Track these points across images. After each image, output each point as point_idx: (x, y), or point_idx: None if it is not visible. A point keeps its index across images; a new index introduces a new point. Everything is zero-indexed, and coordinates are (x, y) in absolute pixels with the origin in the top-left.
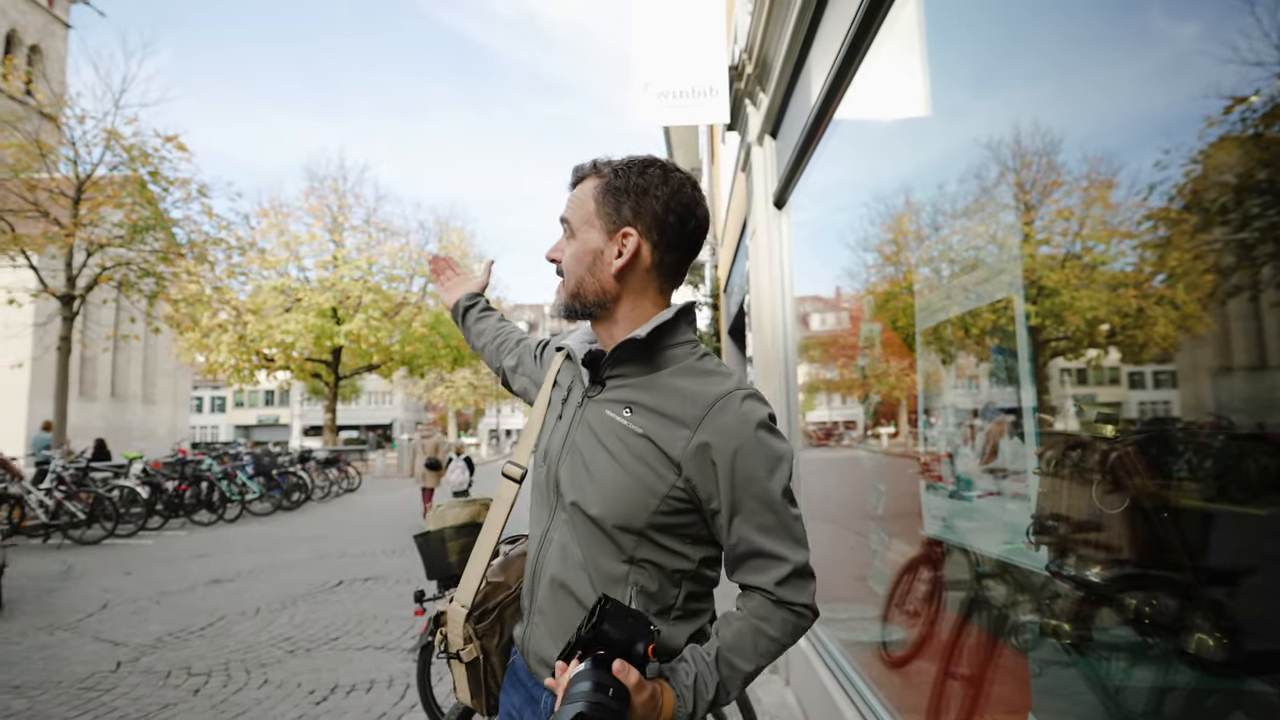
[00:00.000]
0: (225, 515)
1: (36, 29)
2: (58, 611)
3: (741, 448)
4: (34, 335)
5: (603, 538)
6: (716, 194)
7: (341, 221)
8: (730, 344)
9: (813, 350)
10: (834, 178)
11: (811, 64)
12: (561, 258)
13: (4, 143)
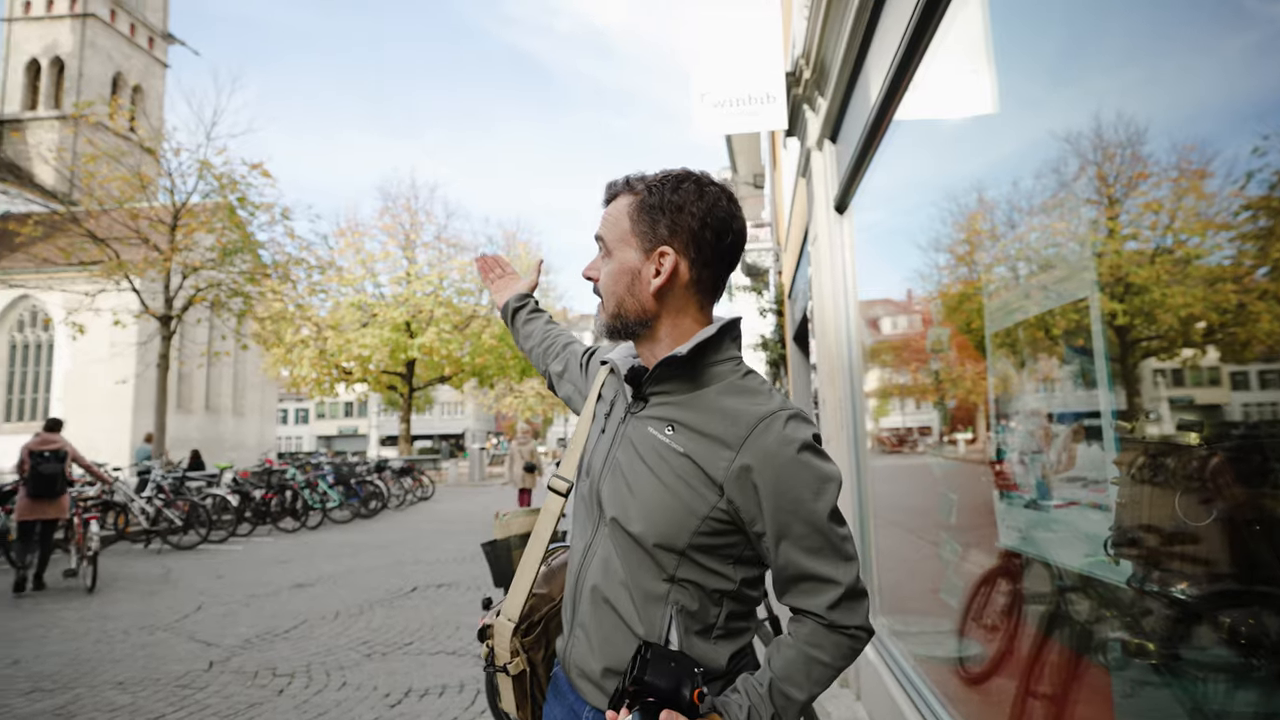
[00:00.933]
0: (308, 523)
1: (139, 70)
2: (157, 613)
3: (785, 470)
4: (137, 354)
5: (643, 555)
6: (779, 200)
7: (414, 239)
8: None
9: (884, 355)
10: (898, 179)
11: (870, 66)
12: (598, 276)
13: (109, 176)
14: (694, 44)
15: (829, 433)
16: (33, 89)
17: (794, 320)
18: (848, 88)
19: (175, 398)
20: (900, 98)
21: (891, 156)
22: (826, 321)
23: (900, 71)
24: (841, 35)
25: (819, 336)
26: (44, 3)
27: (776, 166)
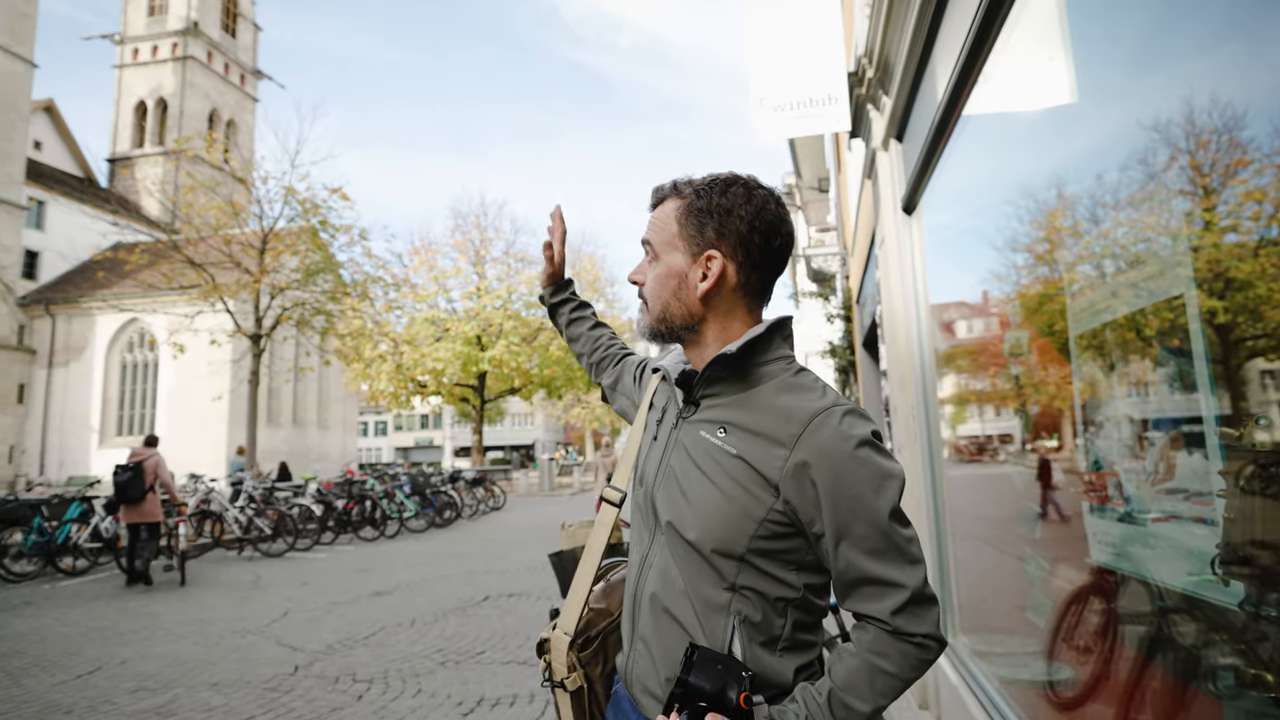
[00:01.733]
0: (386, 531)
1: (232, 106)
2: (248, 617)
3: (842, 466)
4: (231, 371)
5: (702, 563)
6: (844, 203)
7: (483, 254)
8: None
9: (960, 359)
10: (970, 177)
11: (936, 61)
12: (644, 280)
13: (206, 205)
14: (753, 49)
15: (901, 441)
16: (140, 128)
17: (863, 326)
18: (913, 85)
19: (265, 412)
20: (969, 92)
21: (961, 154)
22: (896, 326)
23: (968, 65)
24: (905, 31)
25: (889, 342)
26: (150, 49)
27: (841, 169)
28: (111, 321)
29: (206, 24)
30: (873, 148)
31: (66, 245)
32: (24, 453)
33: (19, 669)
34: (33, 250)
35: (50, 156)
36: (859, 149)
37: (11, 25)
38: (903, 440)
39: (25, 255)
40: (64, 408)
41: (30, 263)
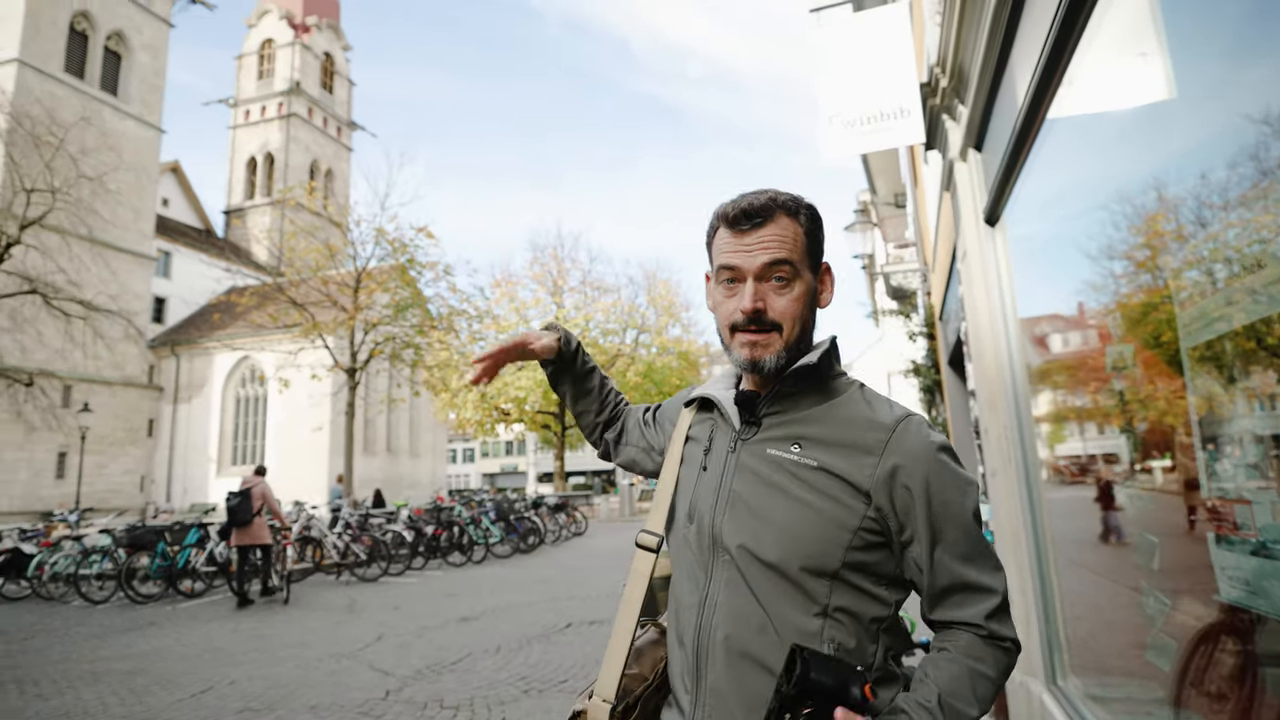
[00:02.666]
0: (473, 557)
1: (329, 156)
2: (343, 641)
3: (932, 471)
4: (330, 403)
5: (787, 587)
6: (923, 217)
7: (561, 284)
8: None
9: (1055, 375)
10: (1057, 184)
11: (1014, 64)
12: (764, 304)
13: (307, 249)
14: (822, 67)
15: (994, 464)
16: (250, 182)
17: (947, 343)
18: (990, 91)
19: (361, 441)
20: (1052, 95)
21: (1047, 160)
22: (983, 343)
23: (1050, 66)
24: (980, 36)
25: (976, 360)
26: (259, 110)
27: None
28: (227, 360)
29: (307, 83)
30: (950, 159)
31: (188, 291)
32: (153, 482)
33: (142, 686)
34: (160, 296)
35: (175, 211)
36: (935, 161)
37: (144, 97)
38: (996, 464)
39: (154, 301)
40: (186, 440)
41: (158, 308)
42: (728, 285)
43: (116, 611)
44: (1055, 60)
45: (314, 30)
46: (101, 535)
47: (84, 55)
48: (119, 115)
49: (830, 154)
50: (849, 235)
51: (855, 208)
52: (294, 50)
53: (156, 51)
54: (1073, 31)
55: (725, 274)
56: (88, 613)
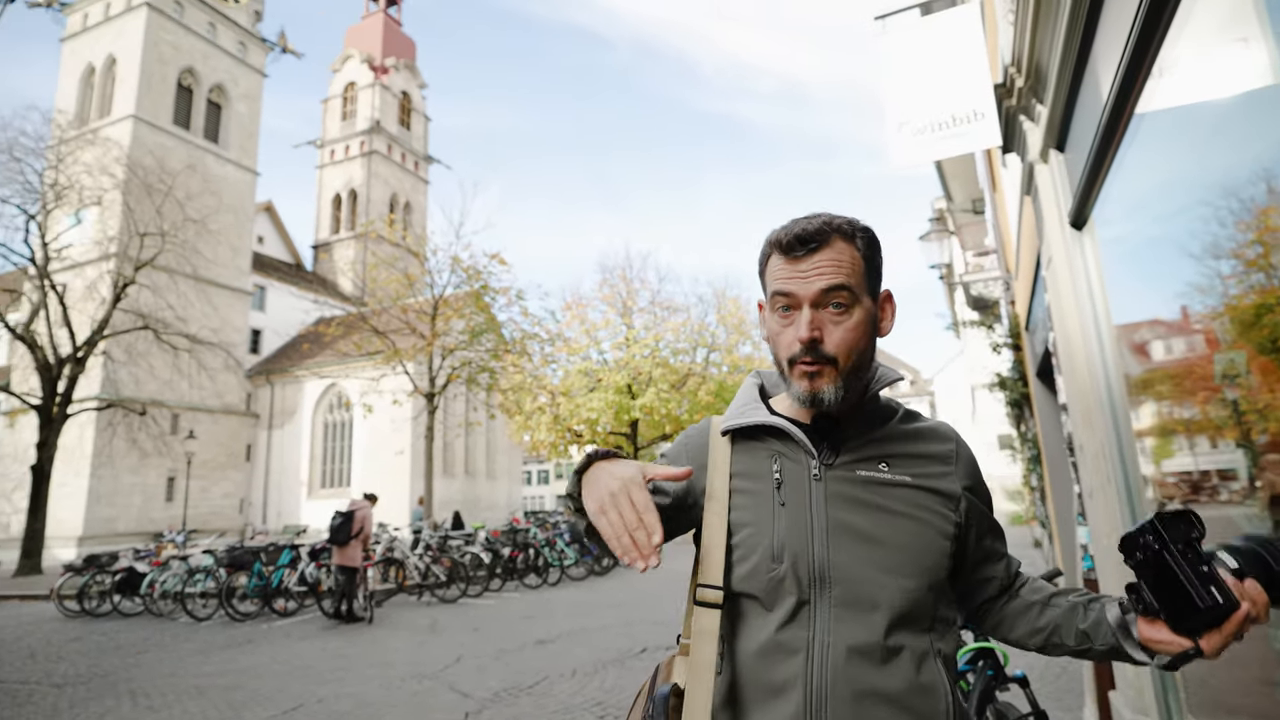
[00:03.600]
0: (548, 579)
1: (407, 190)
2: (424, 662)
3: (978, 471)
4: (411, 428)
5: (906, 609)
6: (1003, 223)
7: (630, 305)
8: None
9: (1159, 385)
10: (1151, 181)
11: (1096, 59)
12: (824, 335)
13: (387, 279)
14: (890, 74)
15: (1092, 485)
16: (336, 217)
17: (1035, 354)
18: (1071, 88)
19: (440, 464)
20: (1140, 88)
21: (1137, 157)
22: (1074, 355)
23: (1136, 58)
24: (1058, 31)
25: (1066, 373)
26: (343, 149)
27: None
28: (316, 387)
29: (386, 121)
30: (1029, 161)
31: (280, 323)
32: (250, 504)
33: (240, 701)
34: (256, 329)
35: (269, 248)
36: (1014, 164)
37: (241, 143)
38: (1094, 484)
39: (251, 333)
40: (280, 464)
41: (254, 340)
42: (783, 313)
43: (218, 628)
44: (1142, 52)
45: (392, 71)
46: (204, 555)
47: (189, 107)
48: (220, 161)
49: (900, 163)
50: (925, 245)
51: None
52: (374, 91)
53: (252, 100)
54: (1160, 20)
55: (780, 301)
56: (193, 629)
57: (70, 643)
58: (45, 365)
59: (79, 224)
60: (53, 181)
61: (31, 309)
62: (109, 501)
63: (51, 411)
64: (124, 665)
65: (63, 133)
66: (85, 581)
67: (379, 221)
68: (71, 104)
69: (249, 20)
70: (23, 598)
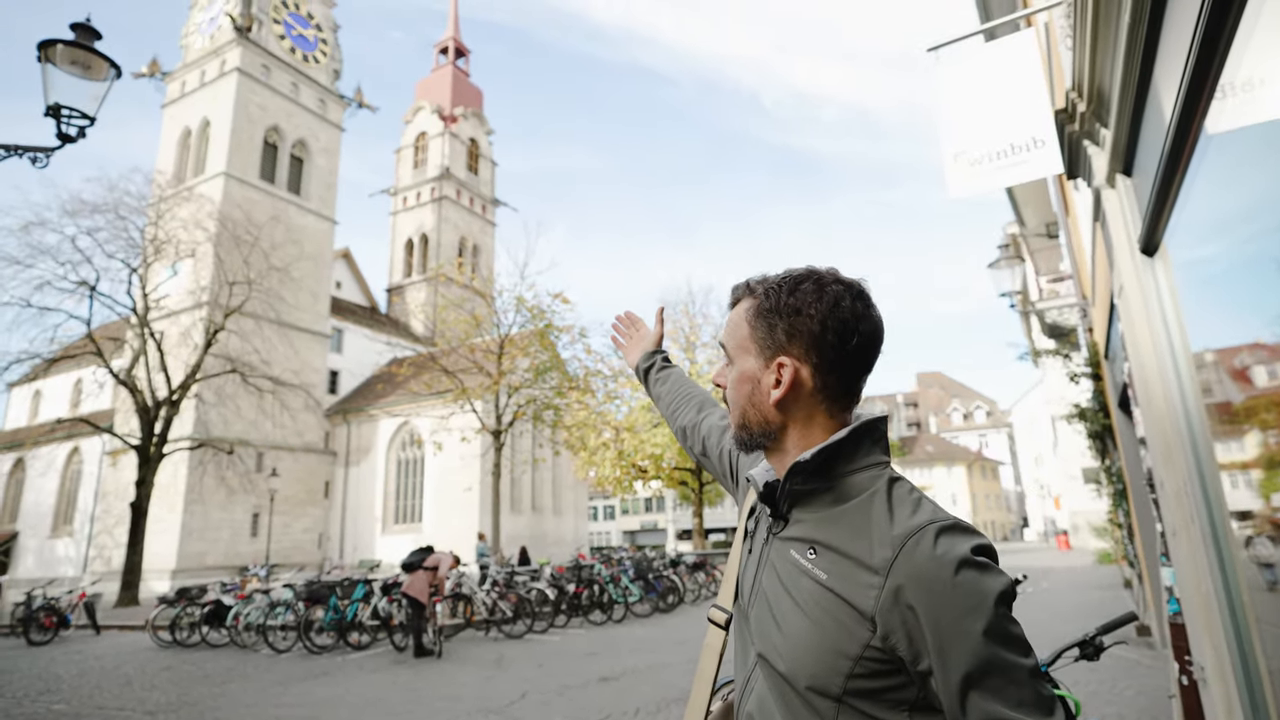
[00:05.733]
0: (613, 616)
1: (475, 232)
2: (491, 697)
3: (944, 597)
4: (479, 464)
5: (796, 699)
6: (1078, 247)
7: (693, 340)
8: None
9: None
10: (1229, 203)
11: (1158, 80)
12: (724, 384)
13: (456, 320)
14: (945, 104)
15: (1175, 524)
16: (408, 262)
17: (1115, 384)
18: (1135, 110)
19: (508, 500)
20: (1205, 107)
21: (1209, 177)
22: (1150, 386)
23: (1199, 76)
24: (1117, 54)
25: (1143, 405)
26: (415, 195)
27: (1069, 211)
28: (389, 425)
29: (455, 168)
30: (1095, 186)
31: (356, 364)
32: (328, 539)
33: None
34: (334, 370)
35: (346, 293)
36: (1085, 187)
37: (321, 194)
38: (1176, 524)
39: (329, 375)
40: (356, 500)
41: (332, 380)
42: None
43: (297, 660)
44: (1203, 71)
45: (460, 120)
46: (285, 589)
47: (274, 163)
48: (301, 211)
49: (958, 193)
50: (994, 272)
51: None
52: (443, 139)
53: (331, 154)
54: (1220, 36)
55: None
56: (273, 660)
57: (162, 671)
58: (144, 408)
59: (175, 275)
60: (152, 237)
61: (133, 355)
62: (199, 536)
63: (149, 451)
64: (210, 695)
65: (161, 191)
66: (177, 613)
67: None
68: (170, 164)
69: (328, 79)
70: (121, 628)
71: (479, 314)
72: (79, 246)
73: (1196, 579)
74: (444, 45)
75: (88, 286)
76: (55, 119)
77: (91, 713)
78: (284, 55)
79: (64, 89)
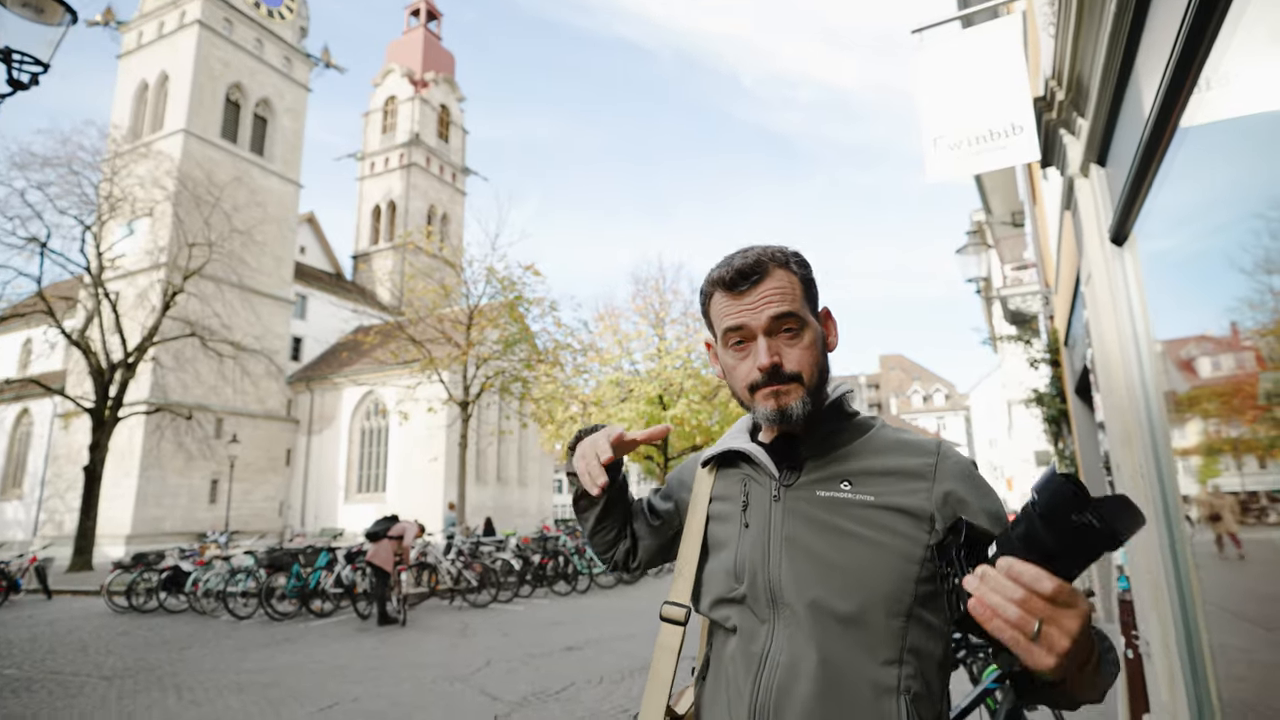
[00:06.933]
0: (577, 587)
1: (445, 201)
2: (456, 665)
3: (979, 486)
4: (445, 435)
5: (862, 636)
6: (1043, 236)
7: (663, 316)
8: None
9: (1205, 403)
10: (1196, 196)
11: (1139, 74)
12: (780, 358)
13: (424, 290)
14: (925, 87)
15: None
16: (375, 228)
17: (1074, 371)
18: (1113, 102)
19: (474, 471)
20: (1184, 101)
21: (1182, 171)
22: (1113, 372)
23: (1181, 70)
24: (1099, 44)
25: (1104, 391)
26: (383, 161)
27: (1037, 201)
28: (354, 394)
29: (425, 134)
30: (1069, 175)
31: (320, 331)
32: (289, 507)
33: (277, 699)
34: (297, 336)
35: (311, 258)
36: (1055, 177)
37: (285, 156)
38: None
39: (292, 341)
40: (319, 469)
41: (295, 347)
42: (737, 348)
43: (258, 627)
44: (1186, 63)
45: (431, 85)
46: (246, 556)
47: (237, 122)
48: (265, 173)
49: (936, 177)
50: (962, 258)
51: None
52: (413, 105)
53: (296, 114)
54: (1205, 32)
55: (733, 337)
56: (234, 627)
57: (119, 637)
58: (98, 370)
59: (131, 234)
60: (108, 194)
61: (86, 316)
62: (156, 502)
63: (103, 415)
64: (169, 660)
65: (117, 147)
66: (134, 579)
67: (417, 233)
68: (126, 119)
69: (294, 36)
70: (75, 593)
71: (448, 284)
72: (28, 201)
73: (1147, 558)
74: (415, 7)
75: (38, 243)
76: (6, 64)
77: (45, 677)
78: (248, 9)
79: (15, 32)
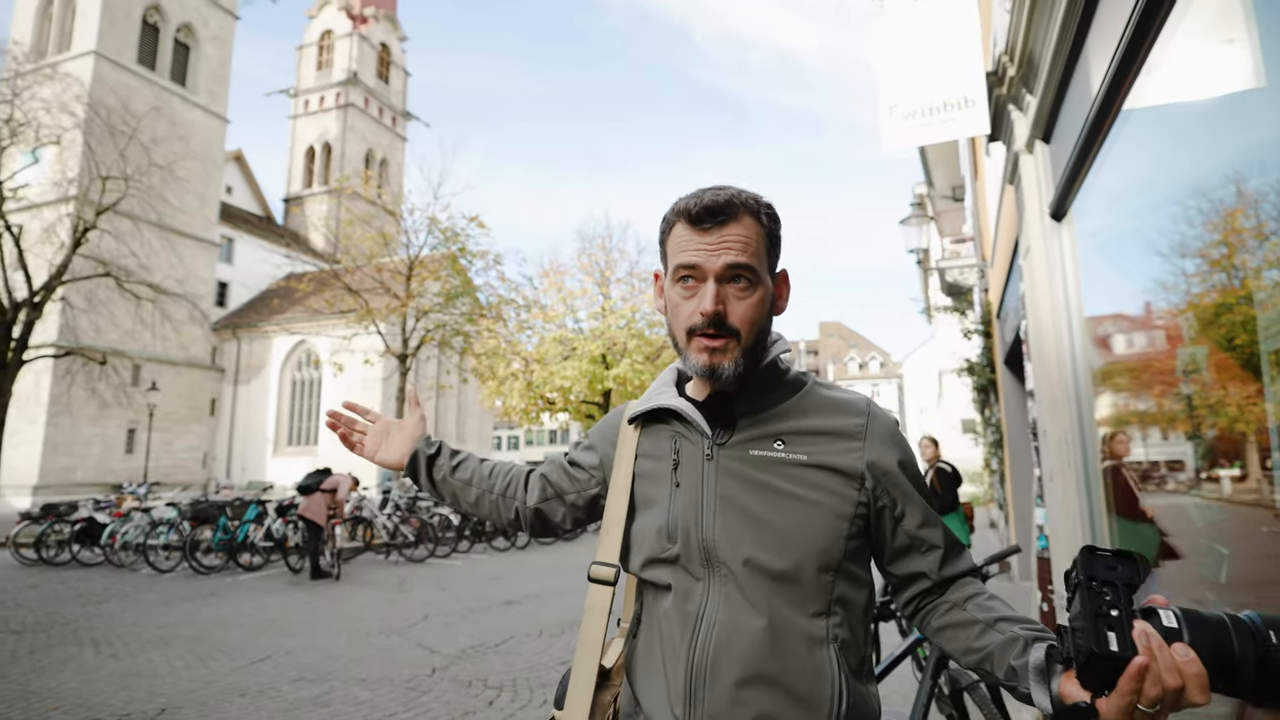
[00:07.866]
0: (517, 543)
1: (384, 146)
2: (392, 618)
3: (904, 448)
4: (382, 388)
5: (795, 592)
6: (982, 211)
7: (608, 275)
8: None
9: (1118, 378)
10: (1129, 177)
11: (1089, 53)
12: (727, 310)
13: (362, 237)
14: (882, 56)
15: (1052, 469)
16: (309, 170)
17: (1004, 342)
18: (1062, 80)
19: None
20: (1130, 84)
21: (1120, 152)
22: (1045, 343)
23: (1129, 54)
24: (1053, 22)
25: (1036, 360)
26: (318, 100)
27: (978, 176)
28: (284, 343)
29: (364, 73)
30: (1015, 151)
31: (249, 276)
32: (214, 459)
33: (205, 652)
34: (223, 281)
35: (238, 199)
36: (998, 153)
37: (210, 88)
38: (1054, 468)
39: (218, 286)
40: (246, 420)
41: (221, 292)
42: (685, 285)
43: (182, 580)
44: (1135, 48)
45: (371, 21)
46: (168, 508)
47: (155, 47)
48: (187, 105)
49: (891, 145)
50: (904, 229)
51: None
52: (352, 41)
53: (222, 43)
54: (1154, 18)
55: (683, 273)
56: (155, 580)
57: (28, 590)
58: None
59: (36, 163)
60: (7, 117)
61: None
62: (66, 451)
63: (6, 357)
64: (85, 614)
65: (19, 65)
66: (43, 530)
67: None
68: (28, 35)
69: None
70: None
71: (387, 232)
72: None
73: (1066, 516)
74: None
75: None
76: None
77: None
78: None
79: None
